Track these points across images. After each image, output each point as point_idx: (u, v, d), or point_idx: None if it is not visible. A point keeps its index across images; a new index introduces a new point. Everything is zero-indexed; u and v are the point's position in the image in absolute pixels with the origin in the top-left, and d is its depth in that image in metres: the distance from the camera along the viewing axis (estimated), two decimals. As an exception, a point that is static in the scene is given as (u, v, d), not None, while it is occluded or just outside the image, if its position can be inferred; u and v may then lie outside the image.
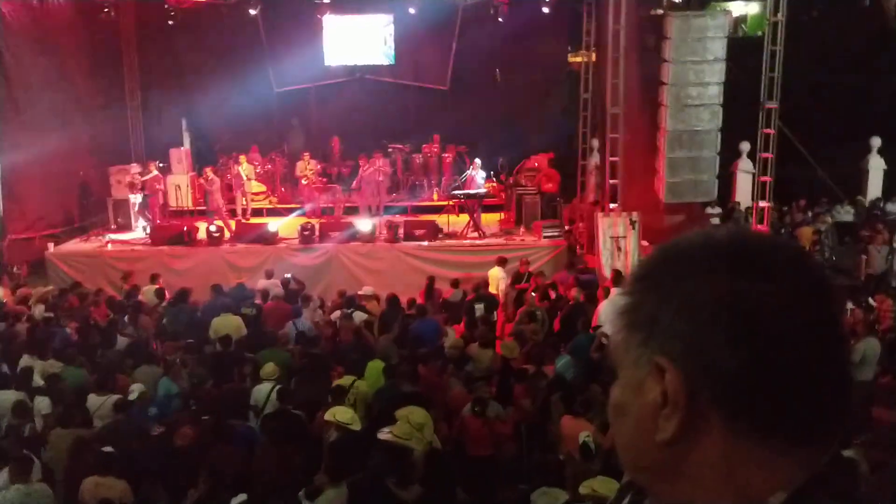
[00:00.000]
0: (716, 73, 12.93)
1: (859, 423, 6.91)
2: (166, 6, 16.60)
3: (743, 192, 16.80)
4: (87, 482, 6.17)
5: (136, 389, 7.90)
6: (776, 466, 0.82)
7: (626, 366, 0.89)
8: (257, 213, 16.56)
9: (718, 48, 12.90)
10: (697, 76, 12.92)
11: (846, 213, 16.67)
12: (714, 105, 13.04)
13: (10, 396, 7.91)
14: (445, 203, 16.50)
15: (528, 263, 12.78)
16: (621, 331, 0.90)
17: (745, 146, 16.57)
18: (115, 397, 7.83)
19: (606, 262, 13.26)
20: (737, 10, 25.36)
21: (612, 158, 13.79)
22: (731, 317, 0.81)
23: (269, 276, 12.62)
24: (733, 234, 0.87)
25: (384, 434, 5.83)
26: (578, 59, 17.77)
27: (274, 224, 14.88)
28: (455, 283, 12.32)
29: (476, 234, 14.45)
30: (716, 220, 15.44)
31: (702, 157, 13.22)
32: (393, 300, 11.33)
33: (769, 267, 0.83)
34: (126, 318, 10.91)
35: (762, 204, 13.97)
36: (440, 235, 14.47)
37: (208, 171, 15.72)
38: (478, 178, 15.64)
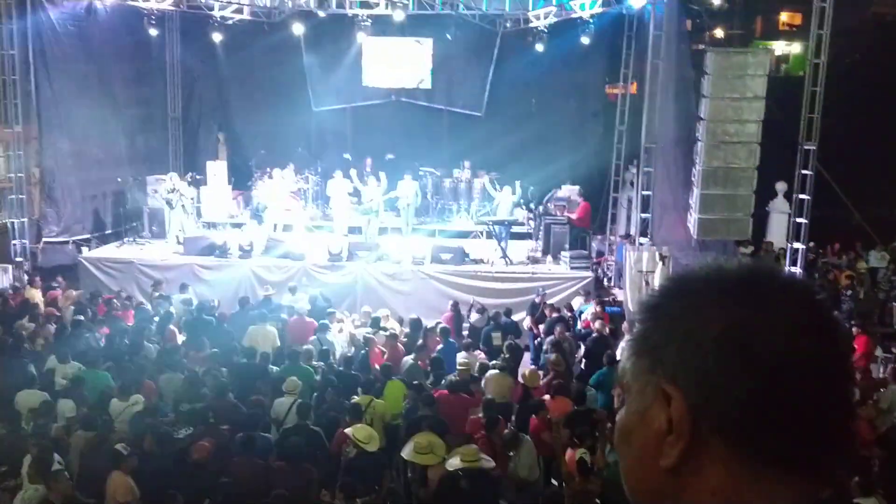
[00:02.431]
0: (755, 111, 12.82)
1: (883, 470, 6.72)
2: (211, 21, 16.95)
3: (777, 232, 16.57)
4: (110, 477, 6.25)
5: (139, 402, 7.97)
6: (776, 496, 0.83)
7: (634, 392, 0.91)
8: (287, 228, 16.72)
9: (758, 86, 12.79)
10: (736, 113, 12.81)
11: (880, 259, 16.33)
12: (752, 143, 12.90)
13: (35, 397, 8.02)
14: (473, 229, 16.53)
15: (544, 295, 12.71)
16: (630, 357, 0.92)
17: (782, 186, 16.38)
18: (138, 403, 7.91)
19: (633, 296, 13.13)
20: (779, 49, 25.25)
21: (644, 192, 13.71)
22: (733, 347, 0.83)
23: (293, 292, 12.70)
24: (744, 267, 0.89)
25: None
26: (615, 91, 17.75)
27: (304, 241, 15.01)
28: (481, 310, 12.30)
29: (502, 261, 14.40)
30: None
31: (737, 195, 13.07)
32: (415, 323, 11.32)
33: (775, 300, 0.85)
34: (154, 325, 11.04)
35: (797, 245, 13.76)
36: (466, 260, 14.45)
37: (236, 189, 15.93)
38: (507, 205, 15.64)
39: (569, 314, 12.17)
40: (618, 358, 9.52)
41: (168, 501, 6.04)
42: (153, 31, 16.70)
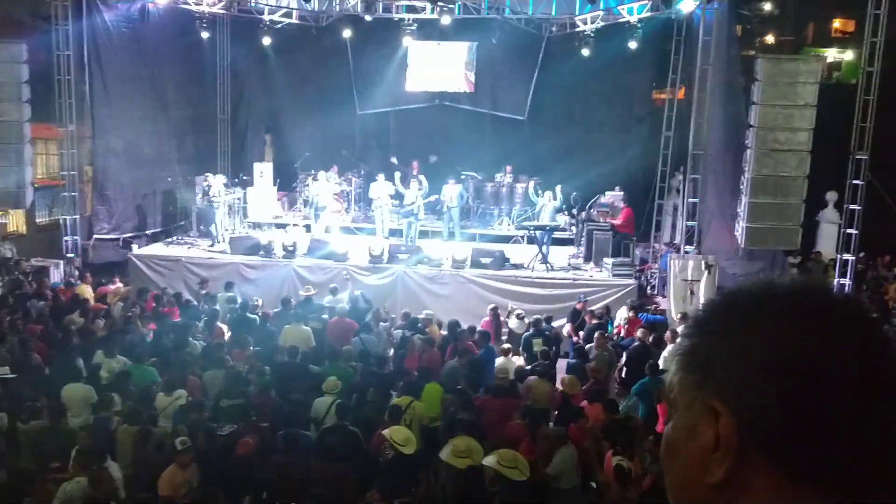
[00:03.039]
0: (806, 119, 12.56)
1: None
2: (261, 25, 17.23)
3: (827, 243, 16.20)
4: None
5: (182, 396, 8.10)
6: None
7: (681, 407, 0.91)
8: (330, 230, 16.89)
9: (810, 94, 12.54)
10: (786, 121, 12.56)
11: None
12: (802, 151, 12.64)
13: (82, 391, 8.21)
14: (515, 233, 16.46)
15: (586, 302, 12.60)
16: (678, 372, 0.92)
17: (832, 196, 16.01)
18: (181, 398, 8.05)
19: (676, 304, 12.96)
20: (831, 56, 24.70)
21: (691, 199, 13.52)
22: (778, 365, 0.82)
23: (335, 292, 12.81)
24: (795, 284, 0.89)
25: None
26: (663, 96, 17.55)
27: (345, 242, 15.15)
28: (520, 315, 12.25)
29: (543, 267, 14.32)
30: (793, 270, 14.92)
31: (786, 204, 12.81)
32: (453, 326, 11.31)
33: (824, 318, 0.85)
34: (200, 323, 11.24)
35: (847, 257, 13.44)
36: (507, 265, 14.41)
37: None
38: (549, 210, 15.56)
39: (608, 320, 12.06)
40: (660, 367, 9.41)
41: (210, 499, 6.14)
42: (204, 34, 17.04)
